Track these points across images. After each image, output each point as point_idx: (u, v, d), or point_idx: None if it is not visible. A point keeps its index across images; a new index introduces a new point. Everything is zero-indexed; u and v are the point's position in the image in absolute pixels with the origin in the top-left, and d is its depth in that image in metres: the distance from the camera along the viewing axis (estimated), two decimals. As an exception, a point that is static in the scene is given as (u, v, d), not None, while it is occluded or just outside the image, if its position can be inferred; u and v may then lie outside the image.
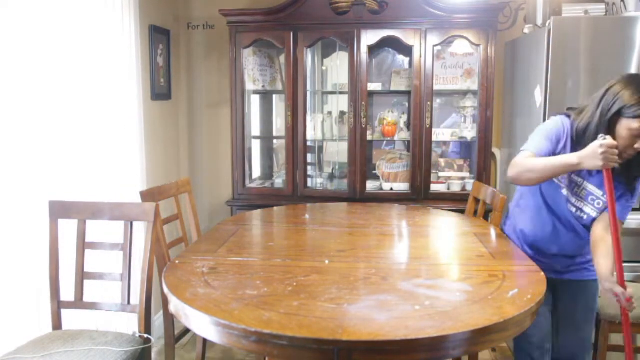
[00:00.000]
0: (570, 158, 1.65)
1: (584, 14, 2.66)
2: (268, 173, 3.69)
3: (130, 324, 2.45)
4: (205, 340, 2.38)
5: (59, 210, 1.98)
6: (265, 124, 3.66)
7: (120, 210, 1.99)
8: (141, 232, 2.24)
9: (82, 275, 1.98)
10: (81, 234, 1.98)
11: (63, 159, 2.21)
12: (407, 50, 3.25)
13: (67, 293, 1.99)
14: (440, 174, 3.28)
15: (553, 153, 1.76)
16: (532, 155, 1.75)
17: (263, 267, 1.76)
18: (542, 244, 1.94)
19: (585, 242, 1.85)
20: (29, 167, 2.01)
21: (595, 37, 2.48)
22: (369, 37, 3.02)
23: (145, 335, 1.89)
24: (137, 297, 1.95)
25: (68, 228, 2.02)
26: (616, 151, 1.58)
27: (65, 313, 2.00)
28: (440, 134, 3.23)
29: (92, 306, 1.99)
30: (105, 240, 2.05)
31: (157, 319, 3.05)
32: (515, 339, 1.85)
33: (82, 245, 1.98)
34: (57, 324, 1.96)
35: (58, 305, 1.97)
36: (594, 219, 1.81)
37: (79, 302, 1.99)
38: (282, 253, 1.95)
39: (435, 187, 3.16)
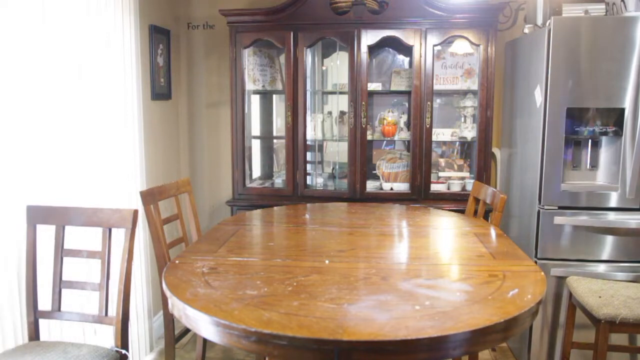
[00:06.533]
0: None
1: (584, 14, 2.66)
2: (268, 173, 3.69)
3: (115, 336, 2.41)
4: (205, 340, 2.38)
5: (38, 215, 1.89)
6: (265, 124, 3.66)
7: (97, 215, 1.89)
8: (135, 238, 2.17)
9: (59, 284, 1.89)
10: (59, 241, 1.89)
11: (62, 160, 2.20)
12: (407, 50, 3.25)
13: (48, 302, 1.90)
14: (440, 174, 3.28)
15: None
16: None
17: (263, 267, 1.76)
18: None
19: None
20: (26, 168, 2.01)
21: (595, 37, 2.48)
22: (369, 37, 3.02)
23: (123, 351, 1.81)
24: (114, 309, 1.86)
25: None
26: None
27: (49, 322, 1.90)
28: (440, 134, 3.23)
29: (68, 317, 1.89)
30: (88, 248, 1.94)
31: (157, 319, 3.05)
32: None
33: (60, 252, 1.90)
34: (32, 334, 1.88)
35: (34, 315, 1.88)
36: None
37: (55, 312, 1.89)
38: (282, 253, 1.95)
39: (435, 187, 3.16)
